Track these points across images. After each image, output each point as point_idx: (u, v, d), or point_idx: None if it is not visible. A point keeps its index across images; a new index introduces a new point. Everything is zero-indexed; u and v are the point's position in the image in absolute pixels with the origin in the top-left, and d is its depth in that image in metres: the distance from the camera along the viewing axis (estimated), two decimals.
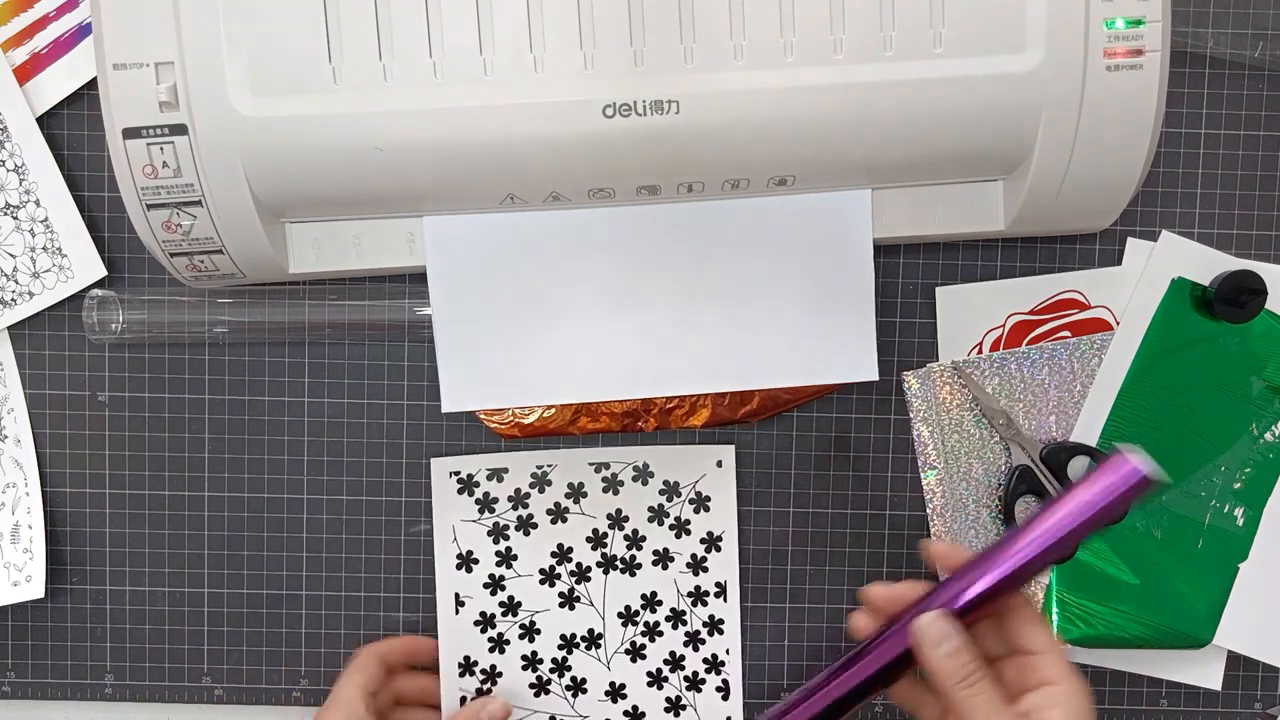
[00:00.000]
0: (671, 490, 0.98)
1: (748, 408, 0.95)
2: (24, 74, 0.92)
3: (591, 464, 0.98)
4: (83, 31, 0.92)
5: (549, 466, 0.98)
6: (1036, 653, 0.77)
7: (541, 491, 0.98)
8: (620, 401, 0.95)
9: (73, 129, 0.94)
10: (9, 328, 0.95)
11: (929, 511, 0.98)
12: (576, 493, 0.98)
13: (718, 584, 0.99)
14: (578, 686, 0.99)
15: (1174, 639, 0.97)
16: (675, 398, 0.96)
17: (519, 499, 0.98)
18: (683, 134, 0.80)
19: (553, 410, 0.96)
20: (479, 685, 0.99)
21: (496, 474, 0.98)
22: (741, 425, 0.98)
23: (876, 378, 0.93)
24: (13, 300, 0.94)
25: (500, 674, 0.99)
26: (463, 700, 0.99)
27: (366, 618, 0.99)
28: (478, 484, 0.98)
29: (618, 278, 0.91)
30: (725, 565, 0.99)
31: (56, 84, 0.93)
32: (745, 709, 1.00)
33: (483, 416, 0.96)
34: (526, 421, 0.96)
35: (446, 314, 0.91)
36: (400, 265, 0.91)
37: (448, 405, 0.93)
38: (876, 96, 0.80)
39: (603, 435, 0.98)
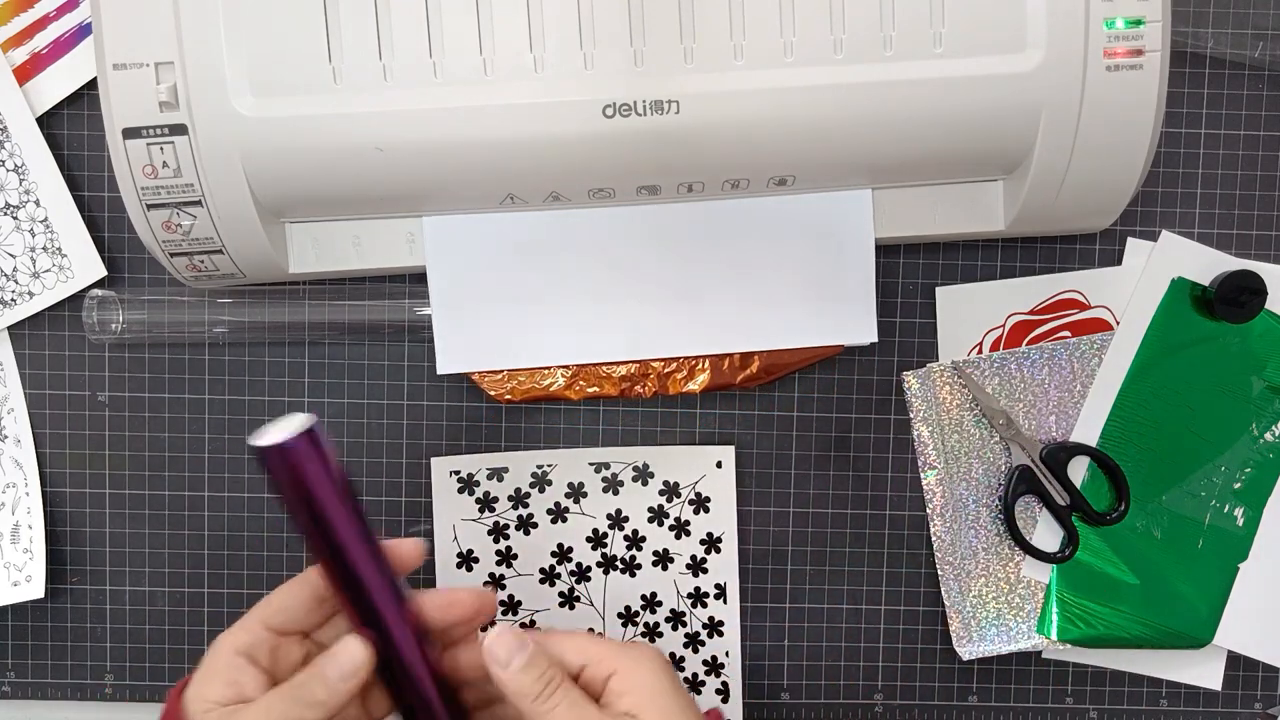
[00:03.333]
0: (671, 491, 0.98)
1: (747, 372, 0.95)
2: (24, 74, 0.92)
3: (591, 464, 0.98)
4: (83, 31, 0.92)
5: (549, 466, 0.98)
6: (592, 662, 0.73)
7: (541, 491, 0.98)
8: (618, 364, 0.95)
9: (73, 129, 0.94)
10: (9, 328, 0.95)
11: (929, 511, 0.98)
12: (576, 493, 0.98)
13: (717, 585, 0.99)
14: None
15: (1174, 639, 0.97)
16: (674, 363, 0.95)
17: (519, 498, 0.98)
18: (683, 134, 0.80)
19: (550, 375, 0.95)
20: None
21: (496, 473, 0.98)
22: (742, 391, 0.97)
23: (876, 339, 0.93)
24: (13, 300, 0.94)
25: None
26: None
27: None
28: (478, 483, 0.98)
29: (617, 263, 0.92)
30: (725, 566, 0.99)
31: (56, 84, 0.93)
32: (745, 710, 1.00)
33: (479, 381, 0.95)
34: (523, 387, 0.95)
35: (443, 279, 0.92)
36: (400, 265, 0.91)
37: (443, 367, 0.93)
38: (876, 96, 0.80)
39: (603, 431, 0.98)
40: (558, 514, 0.99)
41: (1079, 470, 0.97)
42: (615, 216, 0.91)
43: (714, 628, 0.99)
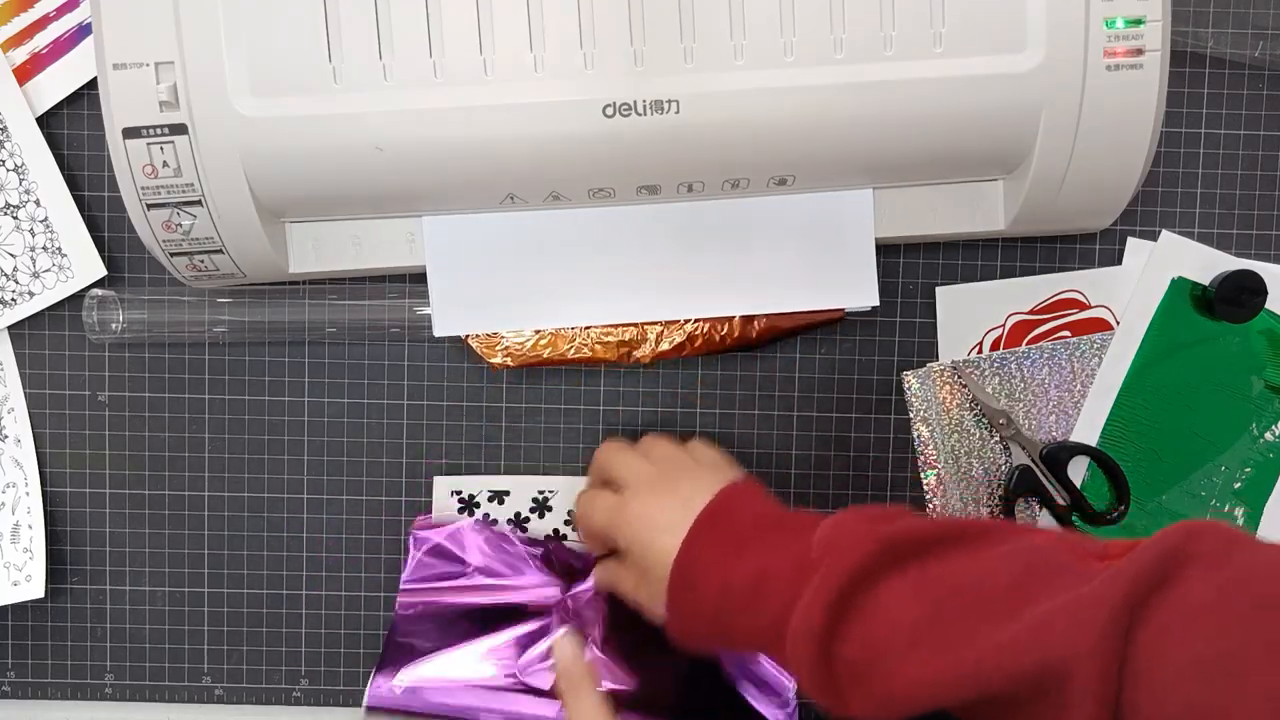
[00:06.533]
0: None
1: (747, 337, 0.94)
2: (24, 74, 0.92)
3: None
4: (83, 31, 0.92)
5: (550, 492, 0.98)
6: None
7: (541, 516, 0.98)
8: (616, 328, 0.95)
9: (73, 129, 0.94)
10: (9, 328, 0.95)
11: (929, 511, 0.98)
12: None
13: None
14: None
15: None
16: (673, 327, 0.95)
17: (519, 522, 0.98)
18: (683, 134, 0.80)
19: (546, 339, 0.95)
20: None
21: (498, 496, 0.98)
22: (742, 351, 0.96)
23: (877, 303, 0.93)
24: (13, 300, 0.94)
25: None
26: None
27: (366, 618, 0.99)
28: (479, 505, 0.98)
29: (617, 239, 0.92)
30: None
31: (56, 84, 0.93)
32: None
33: (475, 346, 0.95)
34: (520, 352, 0.95)
35: (439, 243, 0.91)
36: (400, 265, 0.91)
37: (439, 329, 0.93)
38: (876, 96, 0.80)
39: (602, 429, 0.98)
40: (557, 540, 0.99)
41: (1079, 470, 0.97)
42: (615, 218, 0.91)
43: None
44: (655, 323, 0.95)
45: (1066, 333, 0.96)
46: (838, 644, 0.70)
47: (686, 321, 0.95)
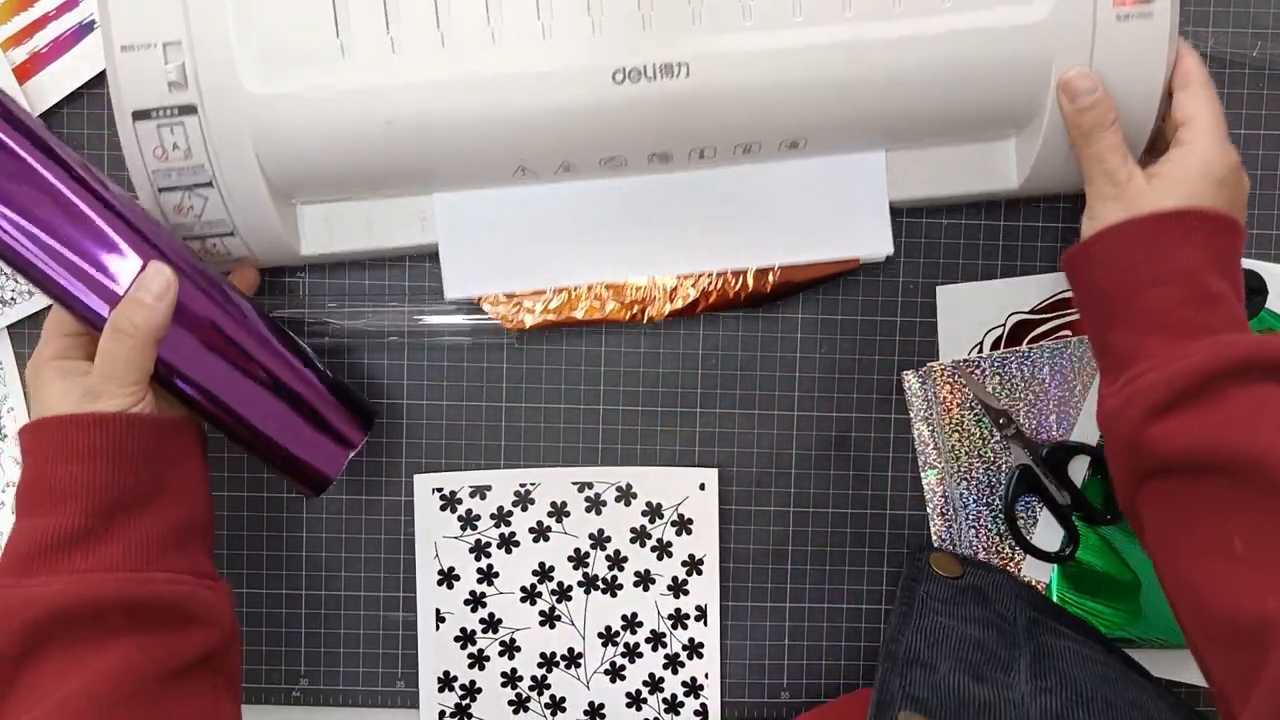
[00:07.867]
0: (654, 512, 0.98)
1: (761, 291, 0.94)
2: (24, 73, 0.92)
3: (574, 483, 0.98)
4: (83, 31, 0.92)
5: (532, 485, 0.98)
6: (1182, 121, 0.83)
7: (524, 510, 0.98)
8: (628, 286, 0.95)
9: (72, 128, 0.94)
10: (9, 327, 0.95)
11: (929, 511, 0.98)
12: (559, 511, 0.98)
13: (698, 607, 0.99)
14: (556, 705, 1.00)
15: (1175, 638, 0.97)
16: (685, 283, 0.95)
17: (501, 516, 0.98)
18: (693, 98, 0.81)
19: (558, 300, 0.95)
20: (458, 700, 0.99)
21: (479, 491, 0.98)
22: (749, 309, 0.97)
23: (891, 251, 0.93)
24: (13, 300, 0.94)
25: (480, 690, 0.99)
26: (441, 715, 0.99)
27: (366, 617, 0.98)
28: (460, 501, 0.98)
29: (628, 200, 0.92)
30: (706, 588, 0.99)
31: (56, 83, 0.93)
32: None
33: (489, 308, 0.95)
34: (534, 314, 0.94)
35: (451, 219, 0.91)
36: (412, 244, 0.91)
37: (451, 292, 0.93)
38: (886, 53, 0.81)
39: (604, 420, 0.98)
40: (540, 533, 0.99)
41: (1079, 470, 0.97)
42: (627, 180, 0.91)
43: (694, 649, 0.99)
44: (668, 277, 0.95)
45: (1067, 333, 0.97)
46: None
47: (700, 277, 0.95)
